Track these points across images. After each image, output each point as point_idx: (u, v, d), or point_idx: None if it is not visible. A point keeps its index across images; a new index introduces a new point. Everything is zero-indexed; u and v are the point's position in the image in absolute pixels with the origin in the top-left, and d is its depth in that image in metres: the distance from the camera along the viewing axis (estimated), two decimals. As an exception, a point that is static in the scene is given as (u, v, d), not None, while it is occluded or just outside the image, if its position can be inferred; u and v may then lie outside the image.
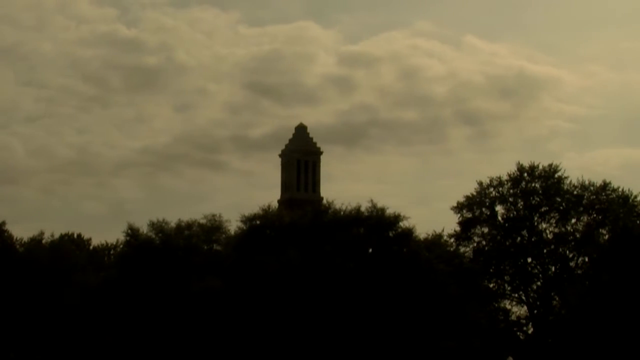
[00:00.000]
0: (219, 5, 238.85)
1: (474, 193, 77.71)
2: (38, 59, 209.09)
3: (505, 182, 77.37)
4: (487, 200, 77.36)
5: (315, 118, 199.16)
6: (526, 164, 77.27)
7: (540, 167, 77.52)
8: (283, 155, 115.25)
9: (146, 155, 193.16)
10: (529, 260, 76.21)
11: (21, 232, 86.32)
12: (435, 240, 73.06)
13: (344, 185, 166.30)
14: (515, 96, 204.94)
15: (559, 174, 77.29)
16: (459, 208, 77.72)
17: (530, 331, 75.68)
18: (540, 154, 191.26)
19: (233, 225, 74.36)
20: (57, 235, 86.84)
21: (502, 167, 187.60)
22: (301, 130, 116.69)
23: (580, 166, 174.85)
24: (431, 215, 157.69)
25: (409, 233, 70.05)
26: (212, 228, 75.19)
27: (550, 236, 76.41)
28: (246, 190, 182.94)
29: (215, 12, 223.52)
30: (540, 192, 76.82)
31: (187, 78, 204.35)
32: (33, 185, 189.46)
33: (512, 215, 77.01)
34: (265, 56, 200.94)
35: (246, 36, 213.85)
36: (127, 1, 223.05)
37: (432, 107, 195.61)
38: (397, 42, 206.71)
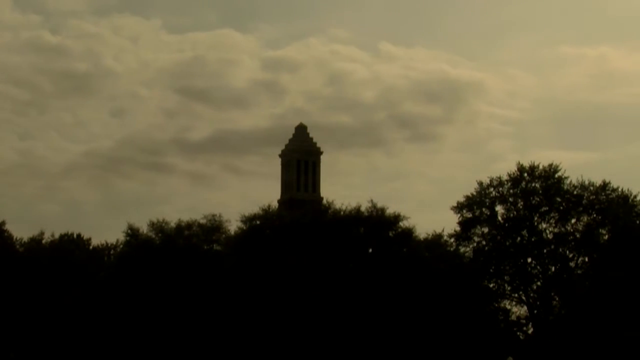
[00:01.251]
0: (140, 13, 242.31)
1: (474, 193, 77.63)
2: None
3: (505, 182, 77.20)
4: (487, 200, 77.20)
5: (251, 122, 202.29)
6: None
7: (541, 167, 77.45)
8: (283, 155, 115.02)
9: (92, 159, 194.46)
10: (529, 260, 76.03)
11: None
12: (435, 240, 73.06)
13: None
14: (444, 100, 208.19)
15: (559, 174, 77.17)
16: (459, 208, 77.58)
17: (530, 331, 75.59)
18: (484, 156, 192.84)
19: (233, 225, 74.64)
20: (57, 235, 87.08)
21: (448, 169, 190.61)
22: (301, 130, 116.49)
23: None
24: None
25: (409, 233, 70.10)
26: (212, 228, 75.26)
27: (550, 236, 76.24)
28: (201, 193, 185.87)
29: (137, 20, 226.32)
30: (540, 192, 76.66)
31: (118, 83, 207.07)
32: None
33: (512, 215, 76.86)
34: (190, 61, 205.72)
35: (169, 42, 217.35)
36: (48, 9, 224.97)
37: (364, 111, 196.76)
38: (316, 48, 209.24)
